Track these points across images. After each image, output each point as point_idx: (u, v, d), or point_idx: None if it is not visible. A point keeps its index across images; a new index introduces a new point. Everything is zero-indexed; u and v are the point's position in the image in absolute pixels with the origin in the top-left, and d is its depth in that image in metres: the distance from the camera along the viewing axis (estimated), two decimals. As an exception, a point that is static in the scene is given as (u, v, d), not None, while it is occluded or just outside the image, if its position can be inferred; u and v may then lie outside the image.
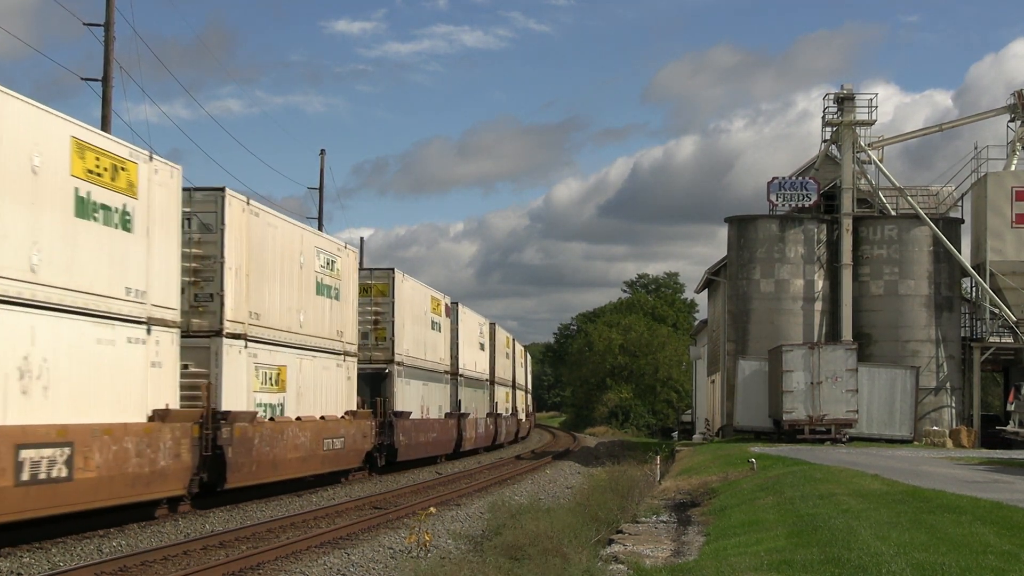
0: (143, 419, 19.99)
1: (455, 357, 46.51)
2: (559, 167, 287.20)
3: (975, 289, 52.88)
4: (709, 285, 62.23)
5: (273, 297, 26.43)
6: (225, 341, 23.82)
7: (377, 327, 36.11)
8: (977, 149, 53.15)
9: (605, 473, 33.31)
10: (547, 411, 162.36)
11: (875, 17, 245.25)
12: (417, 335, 39.41)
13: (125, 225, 19.67)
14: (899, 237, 52.23)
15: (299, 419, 27.38)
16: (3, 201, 16.46)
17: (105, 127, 31.65)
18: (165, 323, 20.97)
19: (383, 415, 34.67)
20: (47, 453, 16.90)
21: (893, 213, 53.40)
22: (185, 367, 22.26)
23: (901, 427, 47.89)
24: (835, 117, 53.17)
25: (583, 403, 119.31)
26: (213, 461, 22.73)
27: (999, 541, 14.04)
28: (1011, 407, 40.18)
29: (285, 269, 26.92)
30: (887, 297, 52.14)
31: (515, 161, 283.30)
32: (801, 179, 53.47)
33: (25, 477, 16.38)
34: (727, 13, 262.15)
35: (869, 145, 53.07)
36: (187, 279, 23.25)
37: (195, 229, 23.84)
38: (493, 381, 56.65)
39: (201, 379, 23.13)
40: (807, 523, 16.68)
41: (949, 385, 51.52)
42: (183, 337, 21.82)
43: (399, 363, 36.55)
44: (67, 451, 17.38)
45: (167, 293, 21.15)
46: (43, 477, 16.81)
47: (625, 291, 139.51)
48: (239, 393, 24.22)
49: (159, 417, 20.40)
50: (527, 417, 79.30)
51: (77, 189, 18.19)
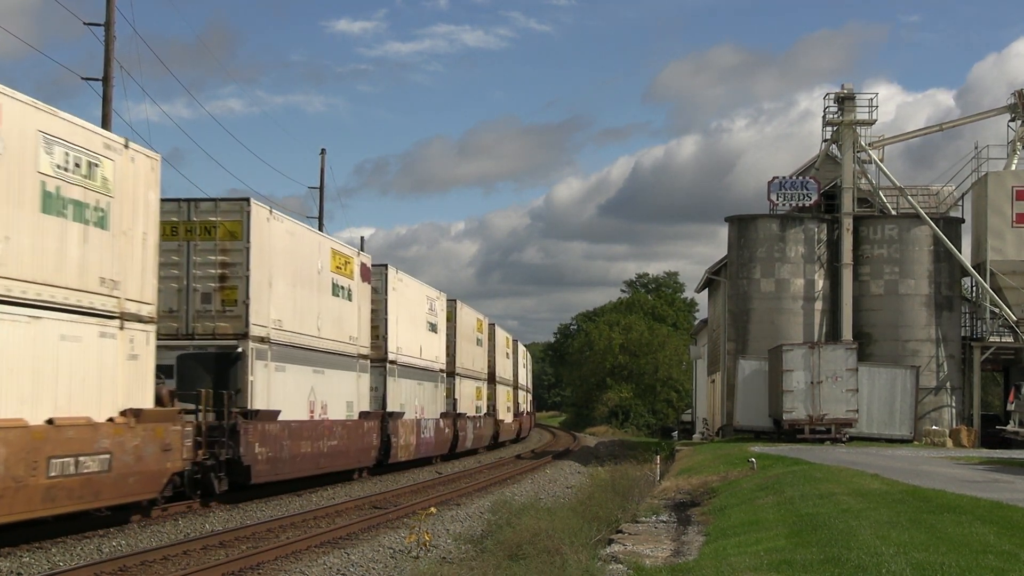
0: None
1: (382, 338, 35.45)
2: (560, 167, 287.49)
3: (975, 289, 52.88)
4: (709, 285, 62.23)
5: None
6: None
7: (225, 285, 24.78)
8: (977, 149, 53.21)
9: (605, 473, 33.31)
10: (547, 411, 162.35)
11: (877, 17, 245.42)
12: (300, 300, 27.84)
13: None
14: (899, 237, 52.22)
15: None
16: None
17: (105, 126, 31.65)
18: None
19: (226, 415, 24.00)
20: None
21: (893, 213, 53.39)
22: None
23: (901, 427, 47.88)
24: (835, 117, 53.17)
25: (583, 403, 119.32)
26: None
27: (999, 541, 14.03)
28: (1011, 407, 40.20)
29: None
30: (887, 297, 52.13)
31: (516, 161, 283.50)
32: (801, 179, 53.46)
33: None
34: (729, 13, 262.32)
35: (869, 145, 53.07)
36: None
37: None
38: (454, 373, 46.33)
39: None
40: (807, 523, 16.67)
41: (949, 385, 51.51)
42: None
43: (261, 339, 25.37)
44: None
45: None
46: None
47: (625, 291, 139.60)
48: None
49: None
50: (525, 416, 77.75)
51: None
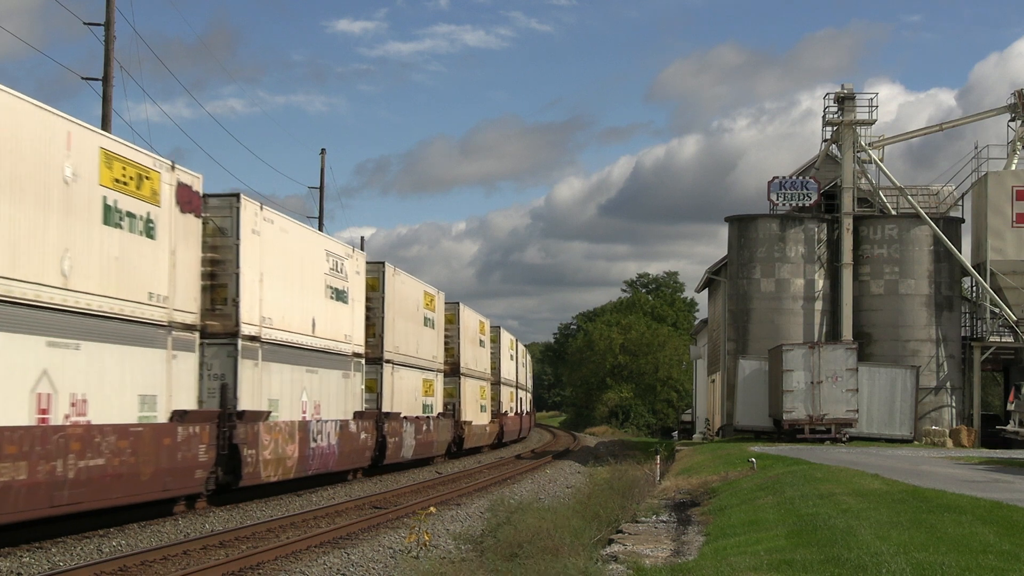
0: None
1: (232, 301, 28.53)
2: (562, 166, 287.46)
3: (975, 288, 52.88)
4: (709, 284, 62.22)
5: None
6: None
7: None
8: (977, 149, 53.22)
9: (605, 473, 33.30)
10: (547, 411, 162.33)
11: (880, 16, 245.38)
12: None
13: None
14: (899, 236, 52.23)
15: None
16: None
17: (105, 126, 31.62)
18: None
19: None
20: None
21: (893, 212, 53.39)
22: None
23: (901, 427, 47.89)
24: (835, 117, 53.18)
25: (583, 402, 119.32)
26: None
27: (999, 541, 14.03)
28: (1011, 407, 40.18)
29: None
30: (887, 296, 52.13)
31: (518, 160, 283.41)
32: (802, 178, 53.47)
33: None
34: (731, 12, 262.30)
35: (869, 145, 53.07)
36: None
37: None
38: (382, 359, 40.19)
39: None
40: (807, 523, 16.66)
41: (949, 385, 51.51)
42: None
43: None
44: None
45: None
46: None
47: (625, 291, 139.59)
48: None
49: None
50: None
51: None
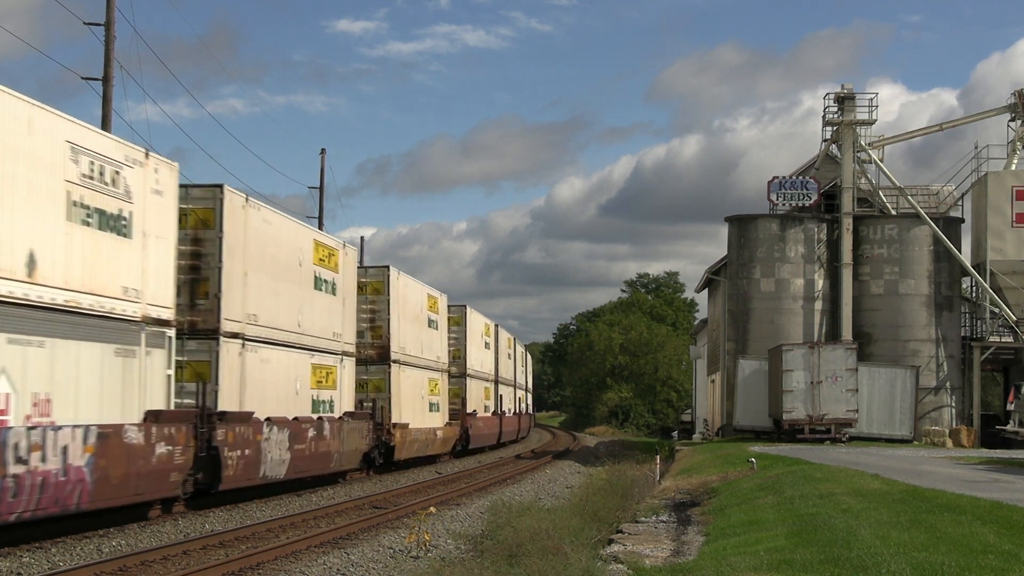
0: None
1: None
2: (563, 166, 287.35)
3: (975, 288, 52.87)
4: (709, 284, 62.22)
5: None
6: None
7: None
8: (977, 148, 53.22)
9: (605, 473, 33.32)
10: (547, 411, 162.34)
11: (881, 16, 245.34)
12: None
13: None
14: (899, 236, 52.22)
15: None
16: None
17: (105, 126, 31.63)
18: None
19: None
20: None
21: (893, 212, 53.38)
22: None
23: (901, 427, 47.89)
24: (835, 116, 53.17)
25: (583, 403, 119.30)
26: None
27: (999, 541, 14.03)
28: (1011, 407, 40.17)
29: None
30: (887, 296, 52.13)
31: (518, 160, 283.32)
32: (801, 178, 53.46)
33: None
34: (732, 12, 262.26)
35: (869, 144, 53.06)
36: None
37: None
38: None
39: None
40: (807, 523, 16.67)
41: (949, 385, 51.50)
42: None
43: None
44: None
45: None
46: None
47: (625, 291, 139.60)
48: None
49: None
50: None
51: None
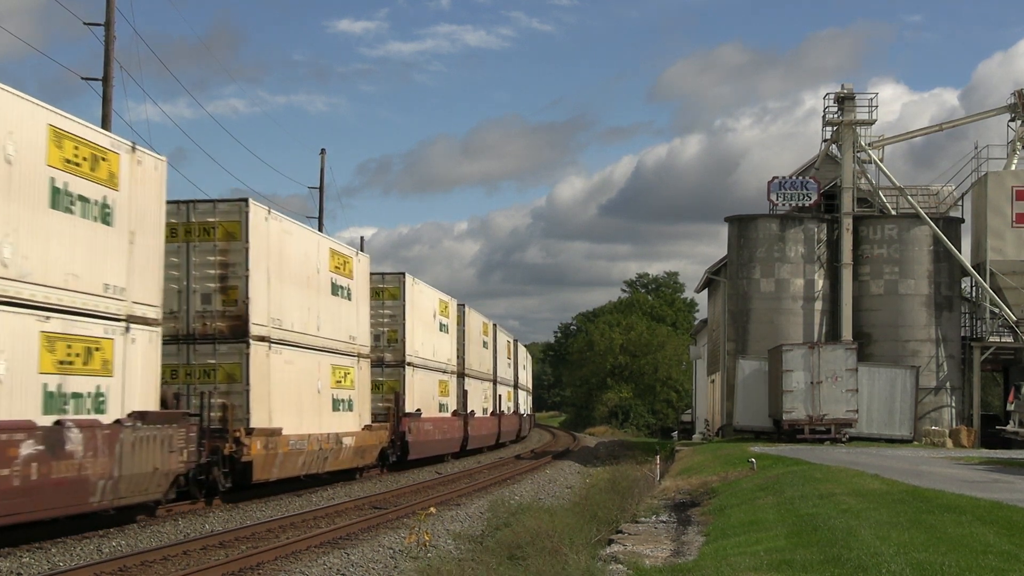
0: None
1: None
2: (563, 166, 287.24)
3: (975, 289, 52.87)
4: (709, 285, 62.22)
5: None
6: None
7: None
8: (977, 149, 53.23)
9: (605, 473, 33.33)
10: (547, 411, 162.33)
11: (882, 16, 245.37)
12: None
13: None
14: (899, 236, 52.22)
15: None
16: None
17: (105, 126, 31.62)
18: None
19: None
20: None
21: (893, 212, 53.39)
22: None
23: (901, 427, 47.88)
24: (835, 117, 53.17)
25: (583, 403, 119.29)
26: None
27: (999, 541, 14.03)
28: (1011, 407, 40.16)
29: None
30: (887, 296, 52.13)
31: (519, 160, 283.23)
32: (801, 178, 53.46)
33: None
34: (734, 12, 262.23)
35: (869, 145, 53.07)
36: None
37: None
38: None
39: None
40: (807, 523, 16.67)
41: (949, 385, 51.50)
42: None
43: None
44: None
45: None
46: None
47: (625, 291, 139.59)
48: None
49: None
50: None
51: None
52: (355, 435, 31.06)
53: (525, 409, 76.83)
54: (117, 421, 19.08)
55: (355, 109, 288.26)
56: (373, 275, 35.44)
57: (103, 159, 18.72)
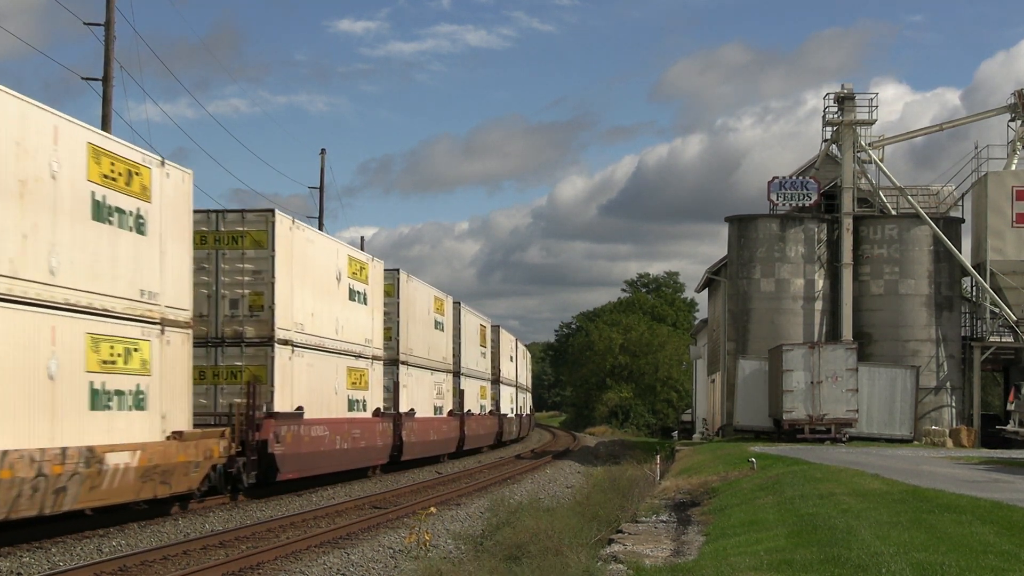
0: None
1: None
2: (565, 166, 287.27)
3: (975, 288, 52.88)
4: (709, 284, 62.21)
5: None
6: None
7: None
8: (977, 148, 53.23)
9: (605, 473, 33.31)
10: (547, 411, 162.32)
11: (884, 15, 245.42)
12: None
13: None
14: (899, 236, 52.23)
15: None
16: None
17: (105, 126, 31.64)
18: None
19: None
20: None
21: (893, 212, 53.39)
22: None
23: (901, 427, 47.89)
24: (835, 117, 53.18)
25: (583, 403, 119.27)
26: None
27: (999, 541, 14.03)
28: (1011, 407, 40.17)
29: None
30: (887, 296, 52.13)
31: (521, 160, 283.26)
32: (801, 178, 53.47)
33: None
34: (736, 11, 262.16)
35: (869, 145, 53.08)
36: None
37: None
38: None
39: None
40: (807, 523, 16.66)
41: (949, 385, 51.51)
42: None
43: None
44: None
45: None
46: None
47: (625, 290, 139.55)
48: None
49: None
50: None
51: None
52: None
53: (525, 409, 76.78)
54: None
55: (356, 109, 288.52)
56: None
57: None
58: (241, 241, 25.89)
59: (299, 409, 27.04)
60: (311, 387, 27.72)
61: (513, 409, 64.95)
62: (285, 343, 26.22)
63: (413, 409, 37.82)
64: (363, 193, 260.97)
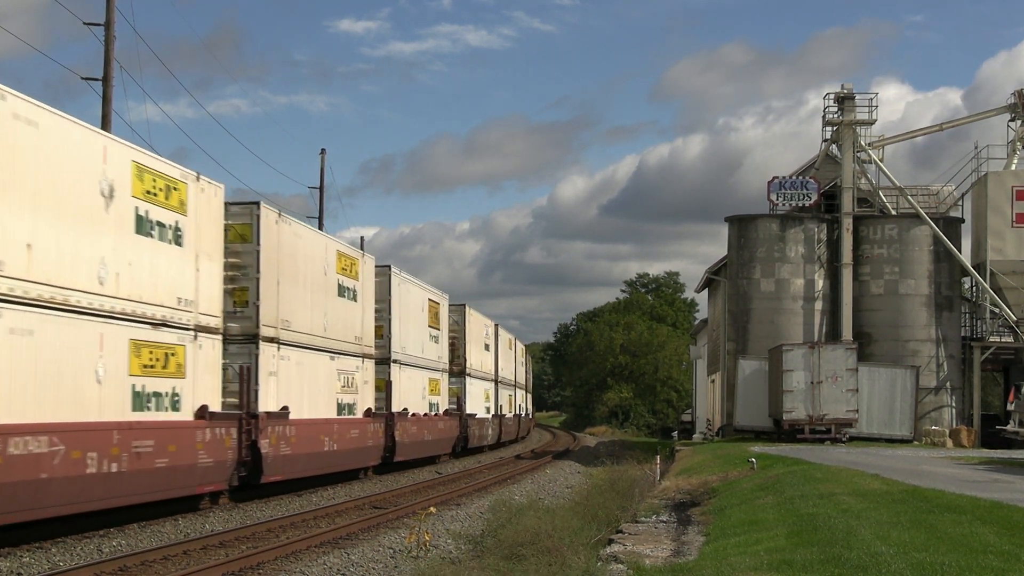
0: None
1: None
2: (566, 165, 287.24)
3: (975, 289, 52.88)
4: (709, 284, 62.22)
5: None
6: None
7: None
8: (977, 148, 53.24)
9: (605, 473, 33.33)
10: (547, 411, 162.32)
11: (886, 15, 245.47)
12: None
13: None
14: (899, 236, 52.24)
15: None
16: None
17: (105, 126, 31.61)
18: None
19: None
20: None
21: (893, 212, 53.40)
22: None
23: (901, 427, 47.89)
24: (835, 116, 53.19)
25: (583, 403, 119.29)
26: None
27: (999, 541, 14.03)
28: (1011, 407, 40.17)
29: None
30: (887, 296, 52.14)
31: (521, 160, 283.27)
32: (801, 178, 53.48)
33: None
34: (737, 11, 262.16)
35: (869, 145, 53.09)
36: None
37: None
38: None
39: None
40: (807, 523, 16.67)
41: (949, 385, 51.51)
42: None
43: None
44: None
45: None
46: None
47: (625, 291, 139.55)
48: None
49: None
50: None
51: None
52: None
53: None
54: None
55: (357, 109, 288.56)
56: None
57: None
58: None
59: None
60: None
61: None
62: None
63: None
64: (364, 193, 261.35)
